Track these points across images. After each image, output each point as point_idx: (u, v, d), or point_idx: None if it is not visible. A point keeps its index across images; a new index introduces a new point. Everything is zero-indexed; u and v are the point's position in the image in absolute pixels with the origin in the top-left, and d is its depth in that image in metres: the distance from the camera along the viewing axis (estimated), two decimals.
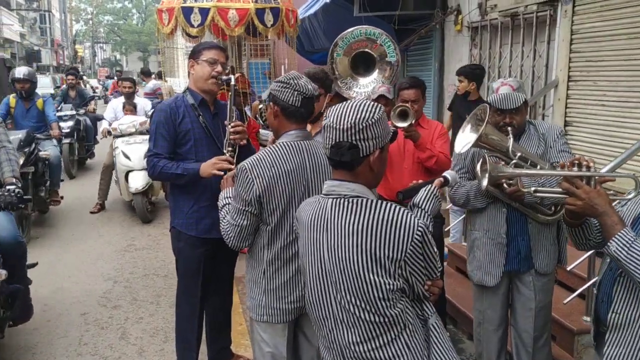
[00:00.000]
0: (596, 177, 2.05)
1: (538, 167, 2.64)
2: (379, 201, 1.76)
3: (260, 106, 6.45)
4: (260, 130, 5.71)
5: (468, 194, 2.92)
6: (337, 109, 1.78)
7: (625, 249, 1.88)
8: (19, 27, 33.32)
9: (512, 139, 2.64)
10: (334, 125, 1.75)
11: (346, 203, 1.78)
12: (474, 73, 5.46)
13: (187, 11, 5.18)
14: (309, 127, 3.21)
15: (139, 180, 7.21)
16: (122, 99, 8.43)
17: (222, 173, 2.95)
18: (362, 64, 5.29)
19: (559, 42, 5.22)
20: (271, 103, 2.46)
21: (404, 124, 3.41)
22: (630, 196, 2.12)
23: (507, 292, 3.05)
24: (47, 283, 5.18)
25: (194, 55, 3.20)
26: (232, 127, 3.09)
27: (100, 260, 5.96)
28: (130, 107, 8.22)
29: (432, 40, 7.63)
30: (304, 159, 2.41)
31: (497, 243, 2.93)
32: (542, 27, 5.47)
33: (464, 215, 5.13)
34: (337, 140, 1.75)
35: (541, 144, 2.84)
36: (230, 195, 2.59)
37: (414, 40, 7.73)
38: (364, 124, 1.73)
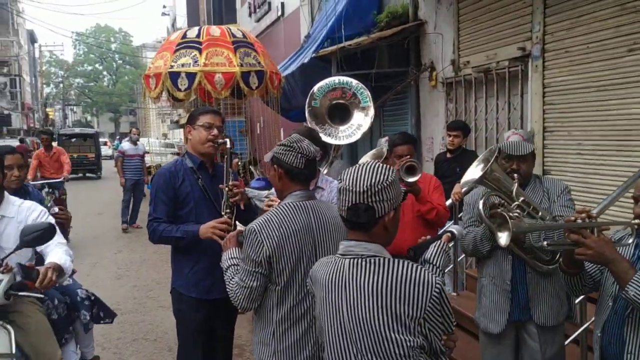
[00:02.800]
0: (597, 227, 2.18)
1: (539, 214, 2.75)
2: (396, 260, 1.82)
3: (238, 162, 6.50)
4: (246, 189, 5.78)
5: (475, 239, 3.00)
6: (351, 172, 1.87)
7: None
8: None
9: (517, 184, 2.76)
10: (350, 188, 1.83)
11: (364, 263, 1.84)
12: (467, 129, 5.68)
13: (174, 76, 5.34)
14: None
15: None
16: None
17: (220, 239, 2.98)
18: (338, 113, 5.49)
19: (532, 95, 5.47)
20: (275, 166, 2.54)
21: (414, 178, 3.48)
22: (629, 242, 2.25)
23: (515, 345, 3.06)
24: None
25: (190, 121, 3.29)
26: (229, 189, 3.16)
27: None
28: None
29: (407, 95, 7.89)
30: (310, 219, 2.48)
31: (502, 290, 2.98)
32: (514, 81, 5.74)
33: (451, 266, 5.21)
34: (354, 203, 1.83)
35: (545, 198, 2.96)
36: (235, 256, 2.62)
37: (390, 96, 7.98)
38: (379, 186, 1.81)
